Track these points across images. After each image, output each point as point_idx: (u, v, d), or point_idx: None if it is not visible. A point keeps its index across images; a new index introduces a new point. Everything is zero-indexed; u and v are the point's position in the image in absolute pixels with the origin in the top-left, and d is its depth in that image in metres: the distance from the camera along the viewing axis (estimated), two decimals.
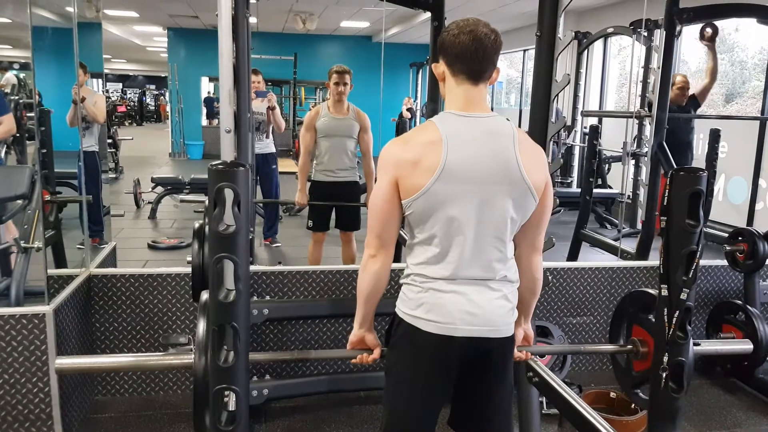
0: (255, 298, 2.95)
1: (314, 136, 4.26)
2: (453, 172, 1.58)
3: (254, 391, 2.69)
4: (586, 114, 8.48)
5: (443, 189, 1.59)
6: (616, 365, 2.74)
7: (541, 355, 3.01)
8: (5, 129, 3.62)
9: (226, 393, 1.95)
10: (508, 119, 1.70)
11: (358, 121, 4.25)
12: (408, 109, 11.98)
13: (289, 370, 3.13)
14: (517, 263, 1.76)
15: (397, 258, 1.87)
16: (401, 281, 1.74)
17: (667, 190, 2.18)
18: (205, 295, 2.28)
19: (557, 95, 2.44)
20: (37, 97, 3.49)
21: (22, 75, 4.29)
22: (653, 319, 2.38)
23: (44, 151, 3.40)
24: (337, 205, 4.36)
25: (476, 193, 1.60)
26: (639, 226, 5.59)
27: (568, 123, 8.36)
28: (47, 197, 3.27)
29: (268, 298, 3.00)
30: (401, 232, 1.89)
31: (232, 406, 1.96)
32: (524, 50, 11.66)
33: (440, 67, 1.70)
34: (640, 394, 2.58)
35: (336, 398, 3.07)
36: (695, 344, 2.36)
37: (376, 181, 1.71)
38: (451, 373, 1.70)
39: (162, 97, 26.63)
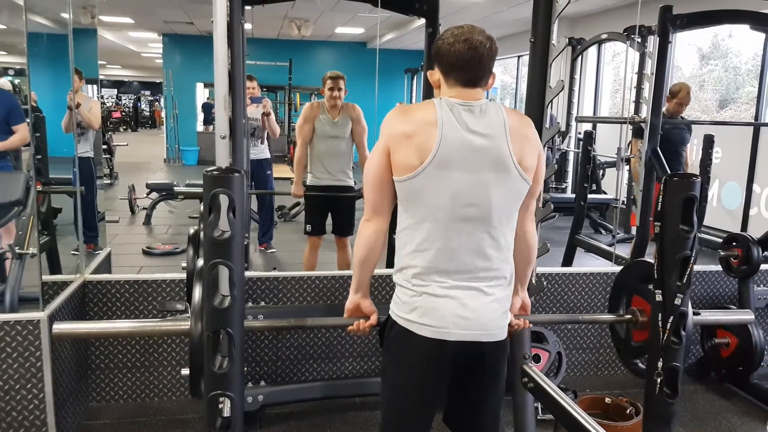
0: (250, 303, 2.94)
1: (312, 128, 4.25)
2: (445, 159, 1.59)
3: (249, 397, 2.69)
4: (581, 120, 8.51)
5: (435, 174, 1.60)
6: (615, 336, 2.70)
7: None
8: (20, 138, 3.62)
9: (221, 399, 1.95)
10: (502, 105, 1.71)
11: (348, 115, 4.27)
12: None
13: (284, 376, 3.13)
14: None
15: (390, 263, 1.86)
16: (394, 277, 1.75)
17: (661, 196, 2.19)
18: (200, 262, 2.22)
19: (551, 101, 2.45)
20: (33, 103, 3.48)
21: (17, 81, 4.28)
22: (653, 288, 2.36)
23: (39, 157, 3.39)
24: (333, 210, 4.37)
25: (468, 181, 1.61)
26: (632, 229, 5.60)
27: (563, 129, 8.39)
28: (40, 188, 3.25)
29: (263, 303, 3.00)
30: (393, 236, 1.90)
31: (227, 413, 1.95)
32: (518, 56, 11.70)
33: (435, 75, 1.71)
34: (640, 364, 2.56)
35: (331, 404, 3.06)
36: (695, 313, 2.34)
37: None
38: (444, 376, 1.71)
39: (157, 103, 26.61)
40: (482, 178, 1.62)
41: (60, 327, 2.26)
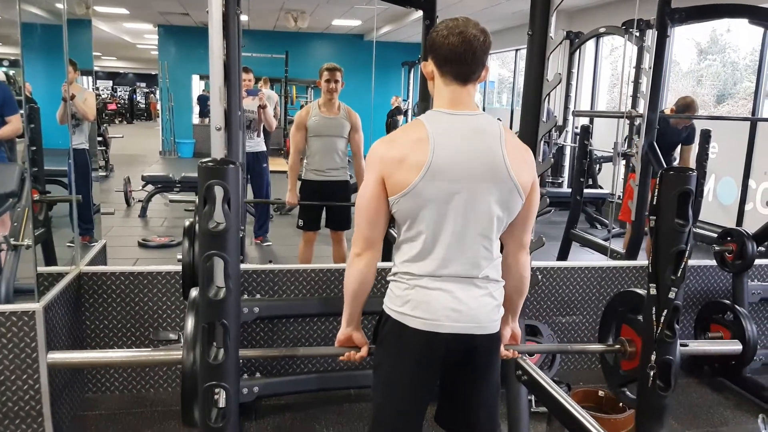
0: (246, 296, 2.95)
1: (305, 135, 4.24)
2: (439, 169, 1.59)
3: (245, 388, 2.69)
4: (578, 114, 8.51)
5: (430, 186, 1.60)
6: (605, 364, 2.76)
7: (530, 354, 3.02)
8: (13, 128, 3.61)
9: (216, 390, 1.95)
10: (499, 119, 1.71)
11: (349, 120, 4.25)
12: (396, 108, 11.96)
13: (280, 368, 3.13)
14: (505, 262, 1.77)
15: (387, 257, 1.86)
16: (388, 278, 1.75)
17: (656, 190, 2.20)
18: (194, 292, 2.28)
19: (548, 95, 2.45)
20: (28, 93, 3.47)
21: (11, 72, 4.26)
22: (641, 320, 2.40)
23: (34, 148, 3.38)
24: (328, 204, 4.36)
25: (463, 191, 1.61)
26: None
27: (560, 123, 8.39)
28: (36, 197, 3.26)
29: (258, 296, 3.00)
30: (391, 230, 1.90)
31: (222, 403, 1.96)
32: (516, 50, 11.68)
33: (429, 66, 1.70)
34: (627, 393, 2.59)
35: (326, 396, 3.07)
36: (683, 345, 2.37)
37: None
38: (436, 369, 1.72)
39: (153, 95, 26.52)
40: (477, 187, 1.62)
41: (54, 356, 2.37)
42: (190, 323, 2.19)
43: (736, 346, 2.98)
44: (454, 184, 1.60)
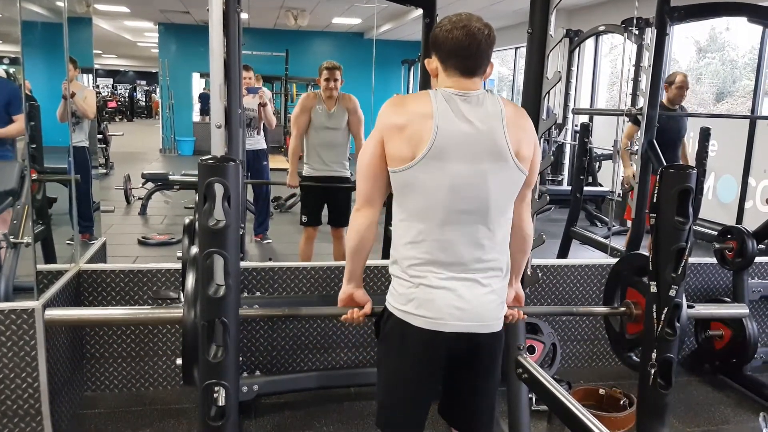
0: (246, 294, 2.94)
1: (308, 119, 4.24)
2: (442, 149, 1.58)
3: (244, 386, 2.69)
4: (577, 112, 8.49)
5: (431, 165, 1.59)
6: (610, 328, 2.72)
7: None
8: (19, 127, 3.62)
9: (216, 388, 1.95)
10: (499, 96, 1.71)
11: (345, 106, 4.25)
12: None
13: (280, 366, 3.13)
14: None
15: (386, 254, 1.86)
16: (390, 269, 1.75)
17: (656, 187, 2.19)
18: (194, 250, 2.22)
19: (548, 92, 2.45)
20: (28, 91, 3.46)
21: (11, 70, 4.26)
22: (647, 282, 2.37)
23: (34, 146, 3.38)
24: (329, 200, 4.36)
25: (465, 172, 1.61)
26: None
27: (560, 121, 8.38)
28: (35, 176, 3.24)
29: (258, 294, 3.00)
30: (389, 227, 1.90)
31: (221, 402, 1.96)
32: (516, 48, 11.67)
33: (433, 63, 1.69)
34: (634, 357, 2.57)
35: (326, 394, 3.07)
36: (689, 306, 2.34)
37: None
38: (440, 367, 1.72)
39: (153, 93, 26.50)
40: (479, 169, 1.61)
41: (52, 313, 2.27)
42: (189, 281, 2.15)
43: (742, 310, 2.91)
44: (456, 164, 1.60)
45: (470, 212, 1.63)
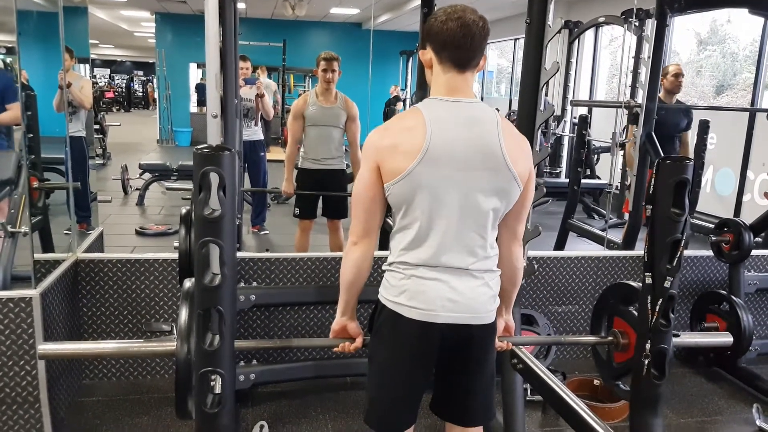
0: (242, 284, 2.95)
1: (302, 125, 4.23)
2: (436, 156, 1.58)
3: (241, 375, 2.70)
4: (576, 103, 8.50)
5: (425, 172, 1.59)
6: (597, 357, 2.76)
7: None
8: (12, 115, 3.60)
9: (212, 376, 1.95)
10: (497, 109, 1.70)
11: (345, 109, 4.23)
12: (395, 97, 11.91)
13: (276, 355, 3.14)
14: (498, 253, 1.76)
15: (384, 245, 1.86)
16: (384, 267, 1.75)
17: (653, 179, 2.20)
18: (188, 283, 2.27)
19: (546, 83, 2.44)
20: (24, 81, 3.45)
21: (8, 60, 4.24)
22: (634, 312, 2.40)
23: (30, 136, 3.38)
24: (324, 194, 4.35)
25: (459, 178, 1.60)
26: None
27: (558, 112, 8.38)
28: (35, 184, 3.26)
29: (255, 284, 3.01)
30: (388, 219, 1.90)
31: (218, 390, 1.96)
32: (515, 39, 11.65)
33: (427, 54, 1.69)
34: (621, 385, 2.59)
35: (323, 383, 3.08)
36: (675, 335, 2.37)
37: None
38: (432, 359, 1.71)
39: (150, 83, 26.42)
40: (473, 175, 1.61)
41: (46, 347, 2.29)
42: (183, 314, 2.18)
43: (726, 339, 2.88)
44: (450, 170, 1.59)
45: (465, 219, 1.63)
